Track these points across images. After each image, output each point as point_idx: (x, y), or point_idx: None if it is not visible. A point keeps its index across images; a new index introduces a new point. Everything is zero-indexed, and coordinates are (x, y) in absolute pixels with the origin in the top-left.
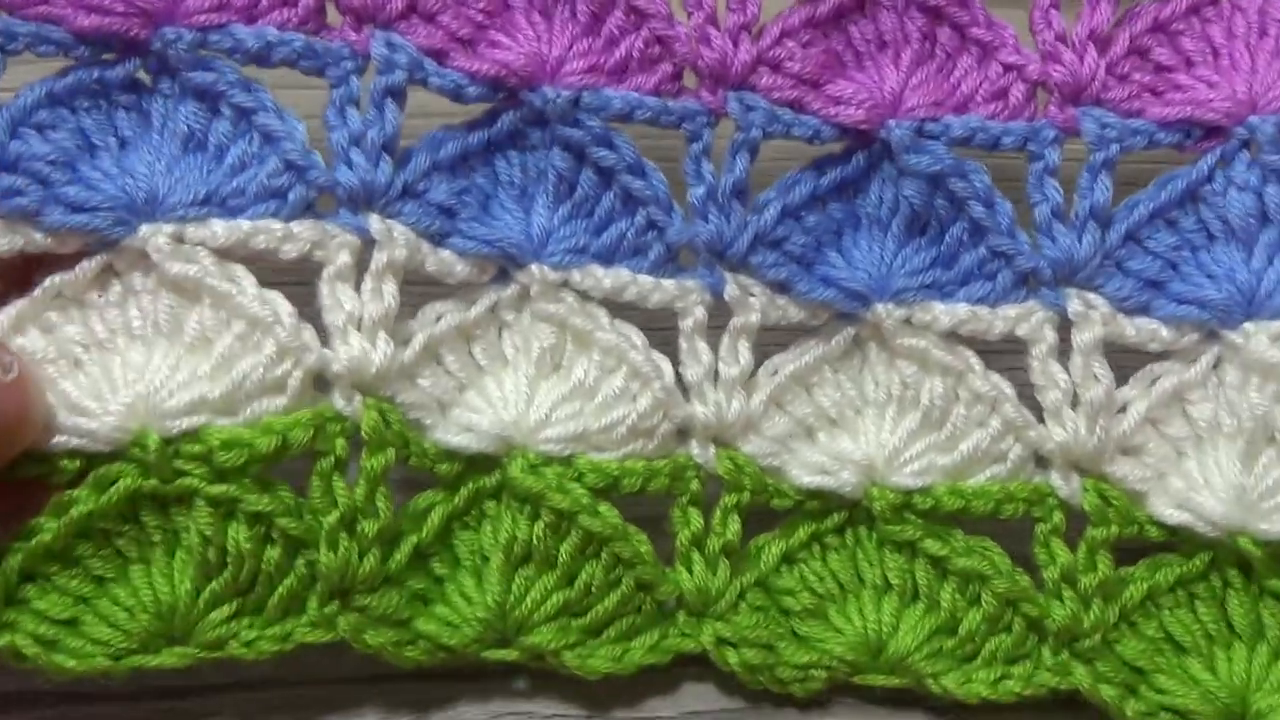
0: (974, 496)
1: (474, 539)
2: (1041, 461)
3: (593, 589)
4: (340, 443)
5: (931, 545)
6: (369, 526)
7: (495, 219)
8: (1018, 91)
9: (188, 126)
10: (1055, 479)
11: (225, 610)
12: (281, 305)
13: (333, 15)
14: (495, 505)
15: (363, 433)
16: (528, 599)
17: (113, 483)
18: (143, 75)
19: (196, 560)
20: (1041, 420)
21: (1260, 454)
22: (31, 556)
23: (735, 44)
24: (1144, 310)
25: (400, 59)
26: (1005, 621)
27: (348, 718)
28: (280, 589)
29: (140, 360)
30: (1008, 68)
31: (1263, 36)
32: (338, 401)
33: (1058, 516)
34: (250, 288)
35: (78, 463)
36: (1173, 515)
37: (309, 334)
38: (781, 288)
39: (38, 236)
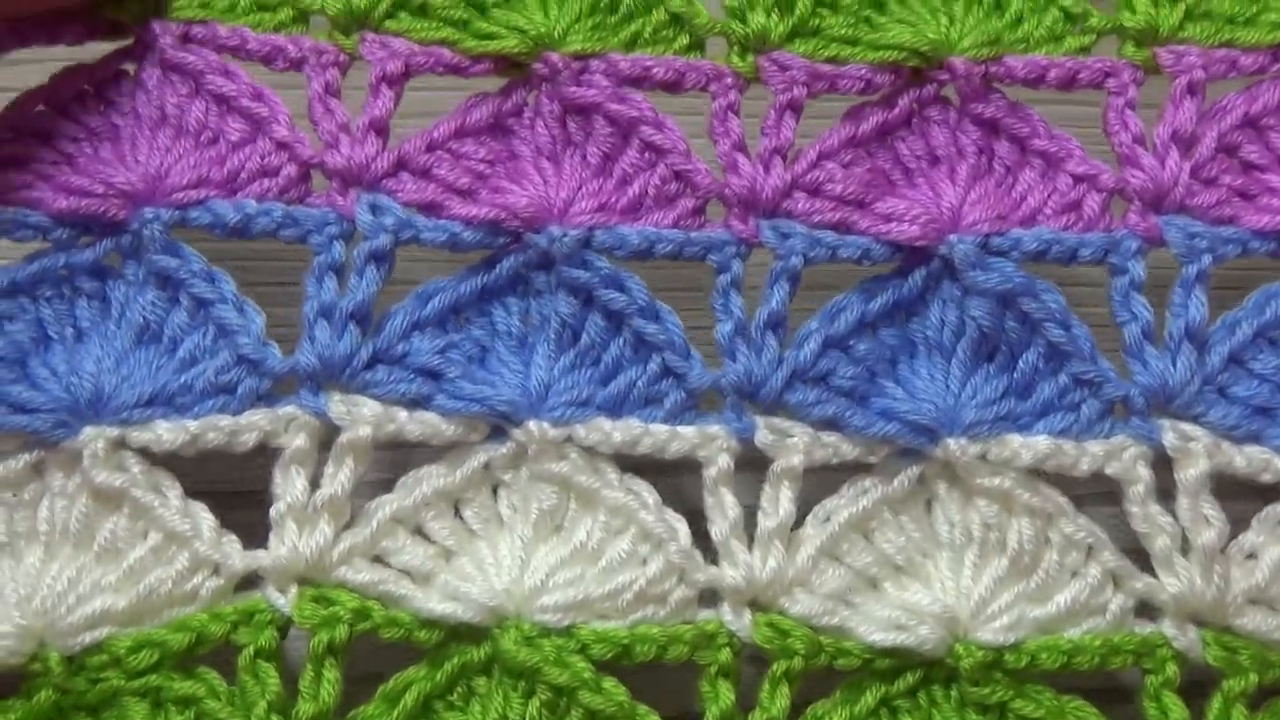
0: (1075, 652)
1: (460, 719)
2: (1145, 607)
3: None
4: (267, 634)
5: (1024, 707)
6: (306, 709)
7: (491, 373)
8: (1092, 202)
9: (144, 317)
10: (1168, 629)
11: None
12: (203, 519)
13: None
14: (485, 681)
15: (296, 623)
16: None
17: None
18: (112, 260)
19: None
20: (1147, 567)
21: None
22: None
23: (767, 169)
24: (1254, 439)
25: (386, 221)
26: None
27: None
28: None
29: (37, 569)
30: (1078, 179)
31: None
32: (270, 594)
33: (1171, 669)
34: (174, 499)
35: None
36: None
37: (231, 545)
38: (830, 424)
39: None
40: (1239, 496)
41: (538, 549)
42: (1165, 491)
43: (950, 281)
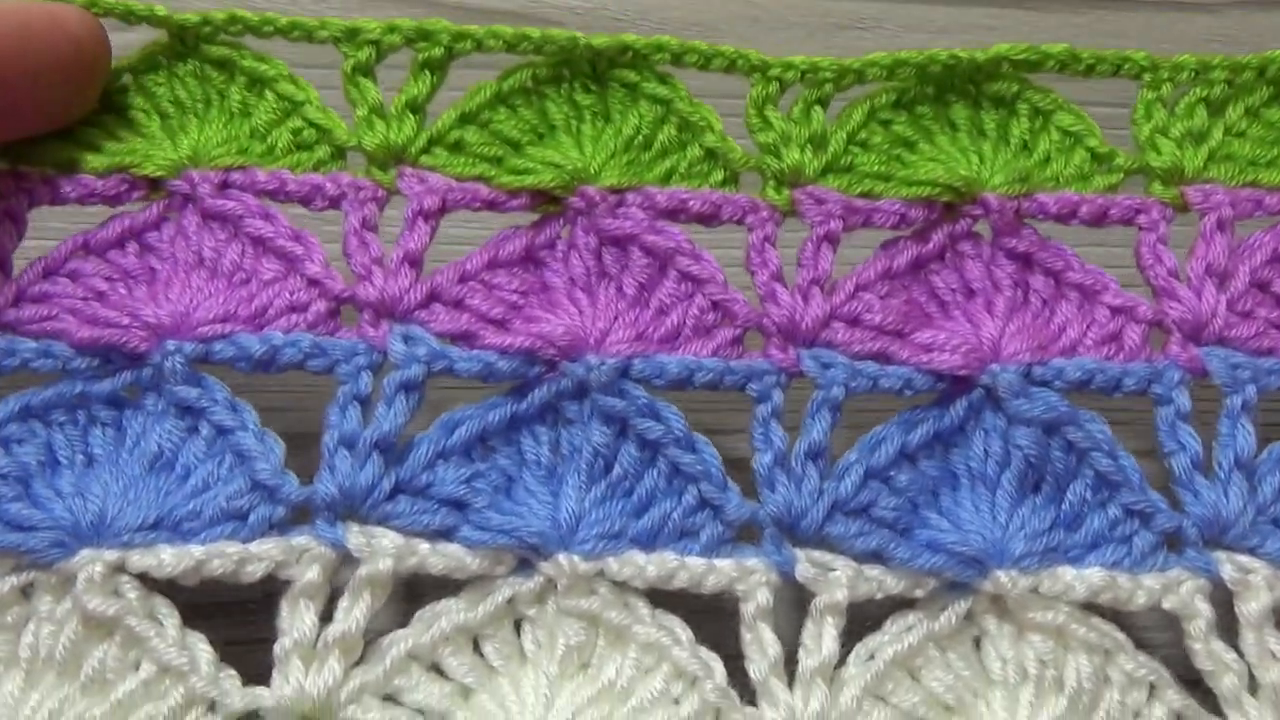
0: None
1: None
2: None
3: None
4: None
5: None
6: None
7: (518, 504)
8: (1133, 333)
9: (159, 445)
10: None
11: None
12: (201, 651)
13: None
14: None
15: None
16: None
17: None
18: (126, 392)
19: None
20: (1213, 706)
21: None
22: None
23: (805, 299)
24: None
25: (419, 351)
26: None
27: None
28: None
29: (16, 698)
30: (1116, 310)
31: None
32: None
33: None
34: (172, 630)
35: None
36: None
37: (230, 681)
38: (874, 556)
39: None
40: None
41: (563, 688)
42: (1225, 626)
43: (993, 412)
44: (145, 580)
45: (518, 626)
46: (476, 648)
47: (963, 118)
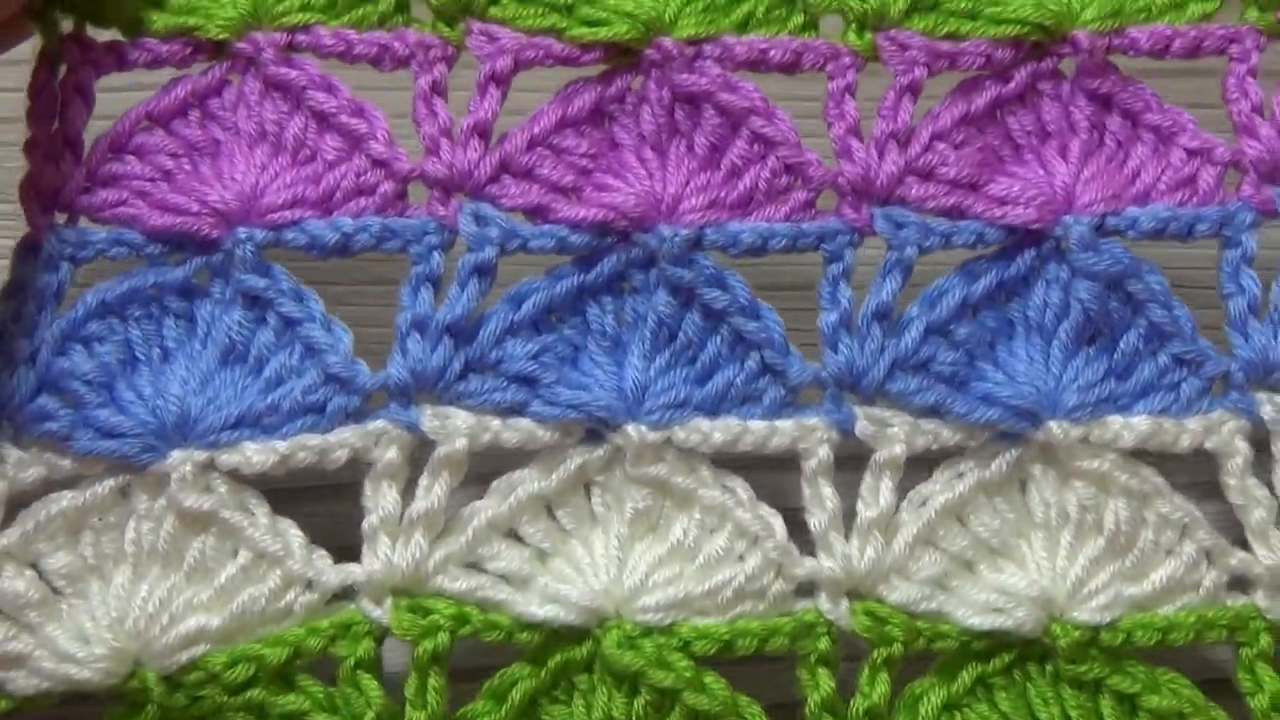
0: (1170, 629)
1: (566, 712)
2: (1239, 581)
3: None
4: (365, 644)
5: (1120, 682)
6: (417, 718)
7: (584, 374)
8: (1207, 176)
9: (230, 337)
10: (1261, 601)
11: None
12: (293, 536)
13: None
14: (587, 678)
15: (394, 633)
16: None
17: (144, 705)
18: (201, 278)
19: None
20: (1240, 540)
21: None
22: None
23: (881, 155)
24: None
25: (491, 233)
26: None
27: None
28: None
29: (127, 590)
30: (1192, 153)
31: None
32: (365, 606)
33: (1265, 640)
34: (263, 518)
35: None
36: None
37: (323, 560)
38: (931, 411)
39: (64, 463)
40: None
41: (634, 548)
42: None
43: (1057, 263)
44: (234, 474)
45: (588, 493)
46: (550, 515)
47: None
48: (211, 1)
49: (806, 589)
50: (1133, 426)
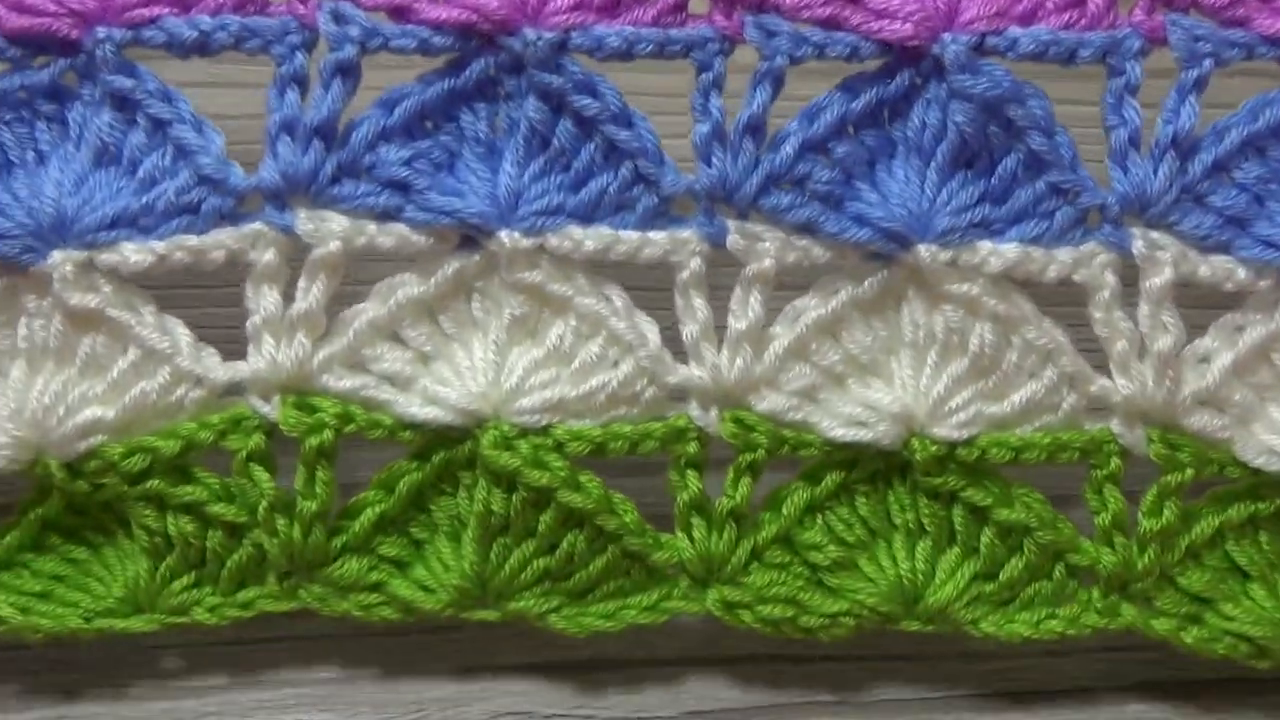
0: (1024, 448)
1: (451, 504)
2: (1098, 408)
3: (575, 557)
4: (255, 438)
5: (973, 495)
6: (307, 506)
7: (459, 181)
8: None
9: (101, 139)
10: (1116, 427)
11: (184, 581)
12: (180, 334)
13: None
14: (470, 474)
15: (281, 428)
16: (506, 567)
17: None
18: (69, 80)
19: (144, 546)
20: (1102, 368)
21: None
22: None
23: None
24: (1224, 249)
25: (352, 31)
26: (1046, 569)
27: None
28: (230, 565)
29: (23, 383)
30: None
31: None
32: (253, 401)
33: (1115, 463)
34: (149, 317)
35: None
36: (1265, 461)
37: (211, 357)
38: (804, 228)
39: None
40: (1203, 305)
41: (511, 352)
42: (1130, 301)
43: (937, 82)
44: (119, 276)
45: (468, 299)
46: (433, 319)
47: None
48: None
49: (680, 396)
50: (1001, 253)
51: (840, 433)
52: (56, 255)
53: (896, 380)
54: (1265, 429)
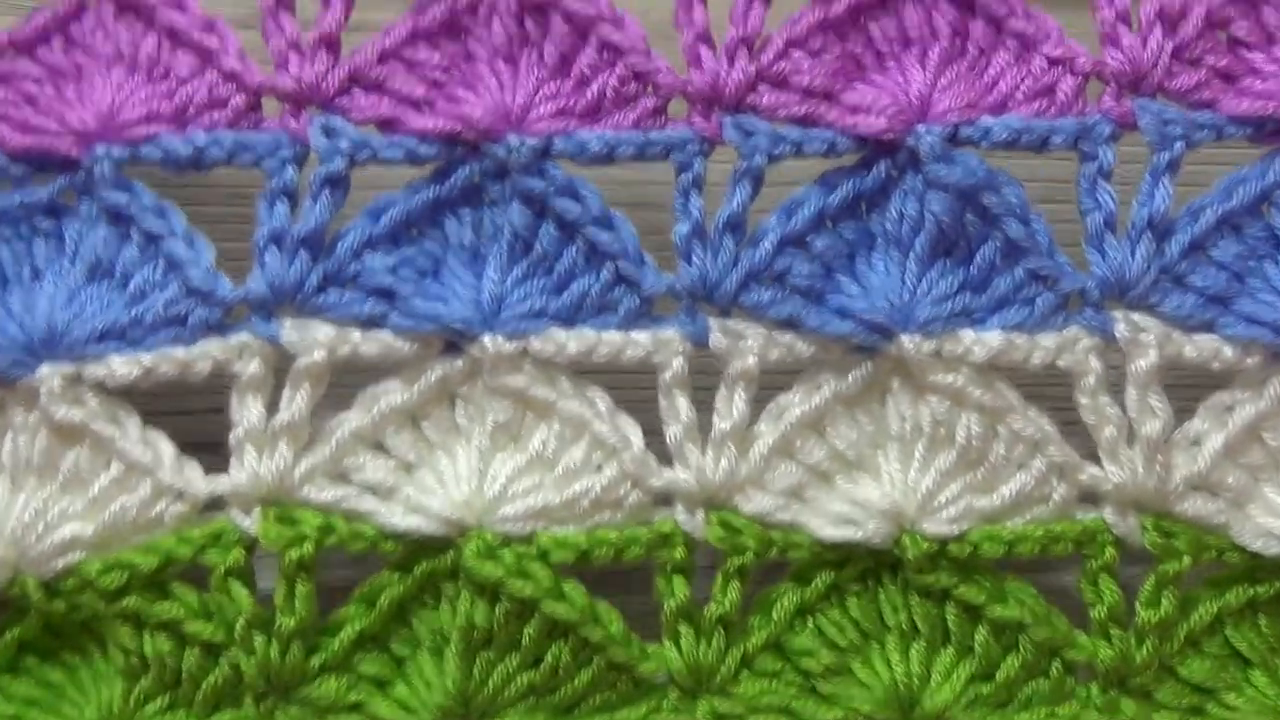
0: (1017, 541)
1: (434, 618)
2: (1089, 496)
3: (560, 670)
4: (235, 553)
5: (966, 593)
6: (286, 622)
7: (444, 286)
8: (1066, 86)
9: (96, 254)
10: (1109, 516)
11: (157, 704)
12: (164, 447)
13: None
14: (453, 585)
15: (261, 543)
16: (490, 682)
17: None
18: (67, 197)
19: (120, 667)
20: (1091, 455)
21: None
22: None
23: (731, 62)
24: (1207, 328)
25: (341, 144)
26: (1043, 665)
27: None
28: (205, 686)
29: (4, 500)
30: (1054, 61)
31: None
32: (234, 515)
33: (1110, 553)
34: (134, 430)
35: None
36: (1263, 544)
37: (193, 471)
38: (786, 324)
39: None
40: (1191, 385)
41: (495, 458)
42: (1116, 385)
43: (913, 173)
44: (105, 389)
45: (452, 405)
46: (416, 427)
47: None
48: None
49: (666, 499)
50: (984, 341)
51: (830, 532)
52: (45, 369)
53: (885, 475)
54: (1262, 511)
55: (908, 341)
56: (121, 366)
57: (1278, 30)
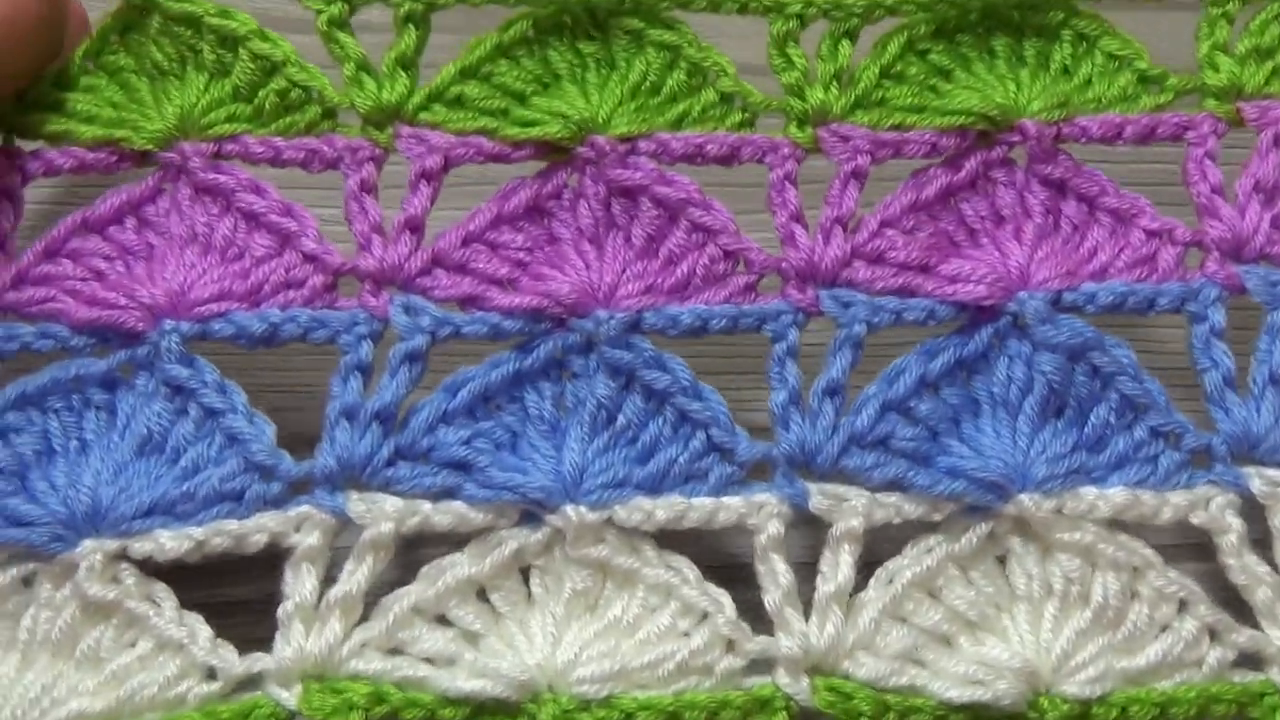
0: (1170, 704)
1: None
2: (1248, 658)
3: None
4: None
5: None
6: None
7: (522, 459)
8: (1167, 255)
9: (148, 428)
10: (1276, 676)
11: None
12: (200, 628)
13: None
14: None
15: (304, 715)
16: None
17: None
18: (120, 371)
19: None
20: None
21: None
22: None
23: (827, 239)
24: None
25: (423, 322)
26: None
27: None
28: None
29: (11, 679)
30: (1151, 234)
31: None
32: (272, 690)
33: None
34: (169, 609)
35: None
36: None
37: (228, 651)
38: (891, 485)
39: None
40: None
41: (570, 626)
42: (1258, 542)
43: (1017, 339)
44: (145, 565)
45: (524, 575)
46: (482, 596)
47: (1003, 45)
48: (140, 114)
49: (760, 666)
50: (1108, 497)
51: (955, 694)
52: (88, 544)
53: (1013, 636)
54: None
55: (1027, 500)
56: (170, 541)
57: None
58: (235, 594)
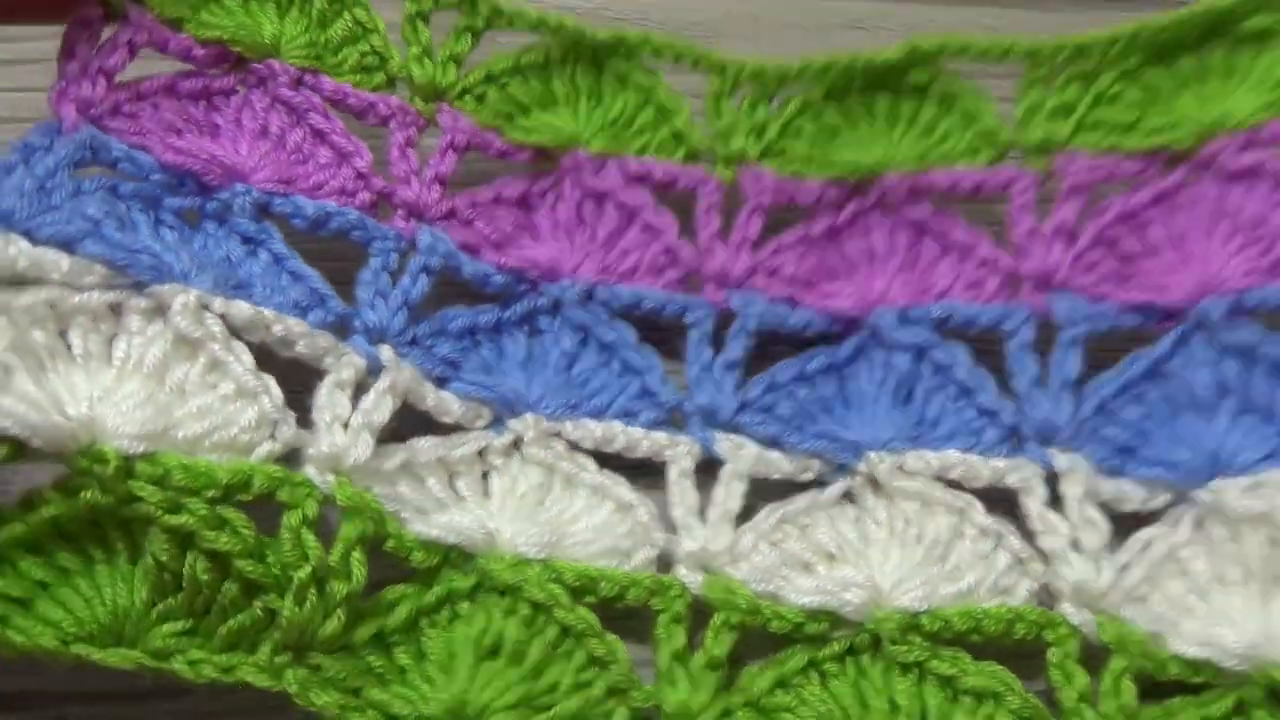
0: (984, 616)
1: (444, 637)
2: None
3: (560, 688)
4: (311, 503)
5: (940, 665)
6: (339, 587)
7: (502, 376)
8: (992, 282)
9: (219, 256)
10: (1067, 609)
11: (176, 626)
12: (273, 385)
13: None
14: (469, 605)
15: (338, 501)
16: (490, 688)
17: (78, 492)
18: (189, 217)
19: (152, 579)
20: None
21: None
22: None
23: (737, 254)
24: (1118, 473)
25: (440, 248)
26: None
27: None
28: (232, 624)
29: (108, 387)
30: (982, 263)
31: (1216, 224)
32: (311, 473)
33: (1072, 643)
34: (248, 361)
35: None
36: (1194, 650)
37: (290, 417)
38: (773, 443)
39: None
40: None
41: (520, 514)
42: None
43: (877, 349)
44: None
45: (485, 478)
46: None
47: (883, 107)
48: (252, 23)
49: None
50: (941, 457)
51: (808, 600)
52: (176, 284)
53: (862, 565)
54: (1193, 624)
55: (874, 456)
56: (248, 313)
57: (1157, 243)
58: None
